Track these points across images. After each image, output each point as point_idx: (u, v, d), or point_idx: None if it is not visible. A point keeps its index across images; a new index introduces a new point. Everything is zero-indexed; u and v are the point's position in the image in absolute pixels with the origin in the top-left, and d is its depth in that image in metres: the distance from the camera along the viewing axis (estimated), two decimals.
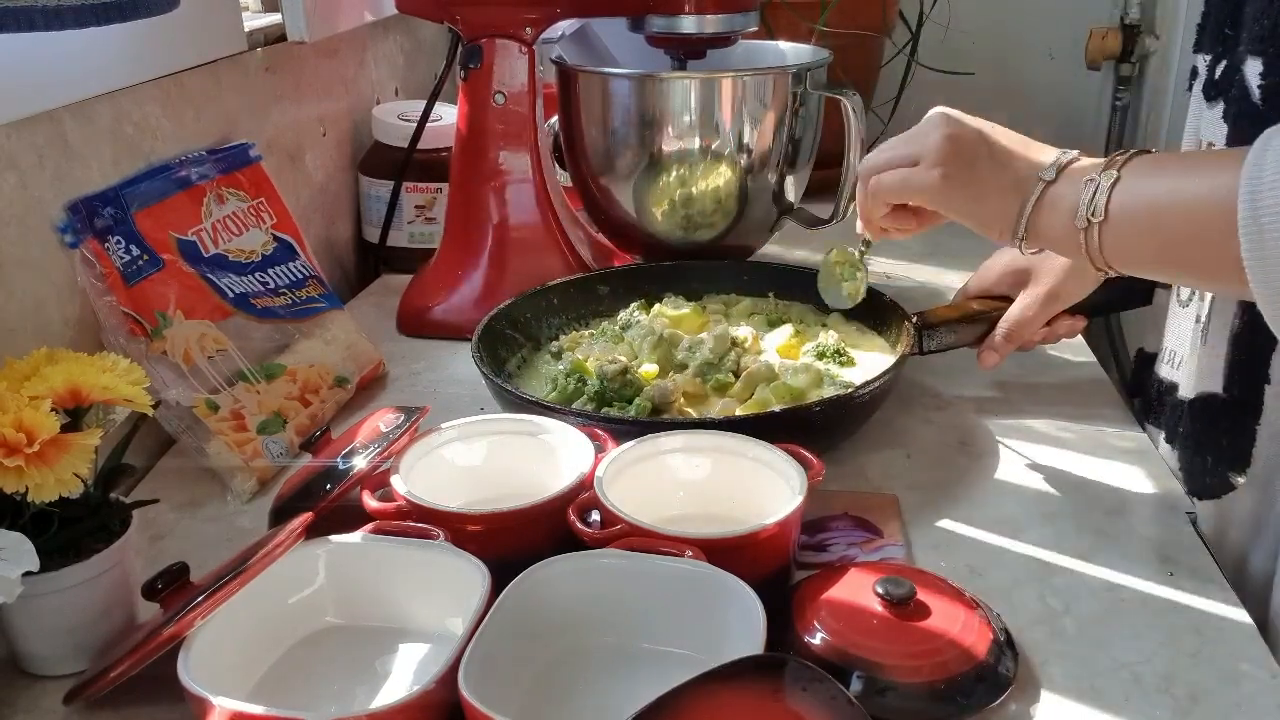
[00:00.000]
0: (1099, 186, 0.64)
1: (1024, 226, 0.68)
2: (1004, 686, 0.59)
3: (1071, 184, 0.66)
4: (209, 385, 0.84)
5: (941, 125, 0.72)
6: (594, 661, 0.61)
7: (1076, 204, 0.65)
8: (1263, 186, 0.54)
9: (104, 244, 0.82)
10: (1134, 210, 0.63)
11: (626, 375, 0.86)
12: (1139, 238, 0.63)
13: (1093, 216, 0.64)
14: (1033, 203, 0.68)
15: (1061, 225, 0.66)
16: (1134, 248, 0.64)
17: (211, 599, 0.57)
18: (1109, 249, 0.65)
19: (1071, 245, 0.66)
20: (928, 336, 0.91)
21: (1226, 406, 0.73)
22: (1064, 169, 0.67)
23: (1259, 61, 0.66)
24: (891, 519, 0.77)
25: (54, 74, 0.78)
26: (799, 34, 1.37)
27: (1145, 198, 0.63)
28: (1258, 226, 0.54)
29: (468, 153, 1.09)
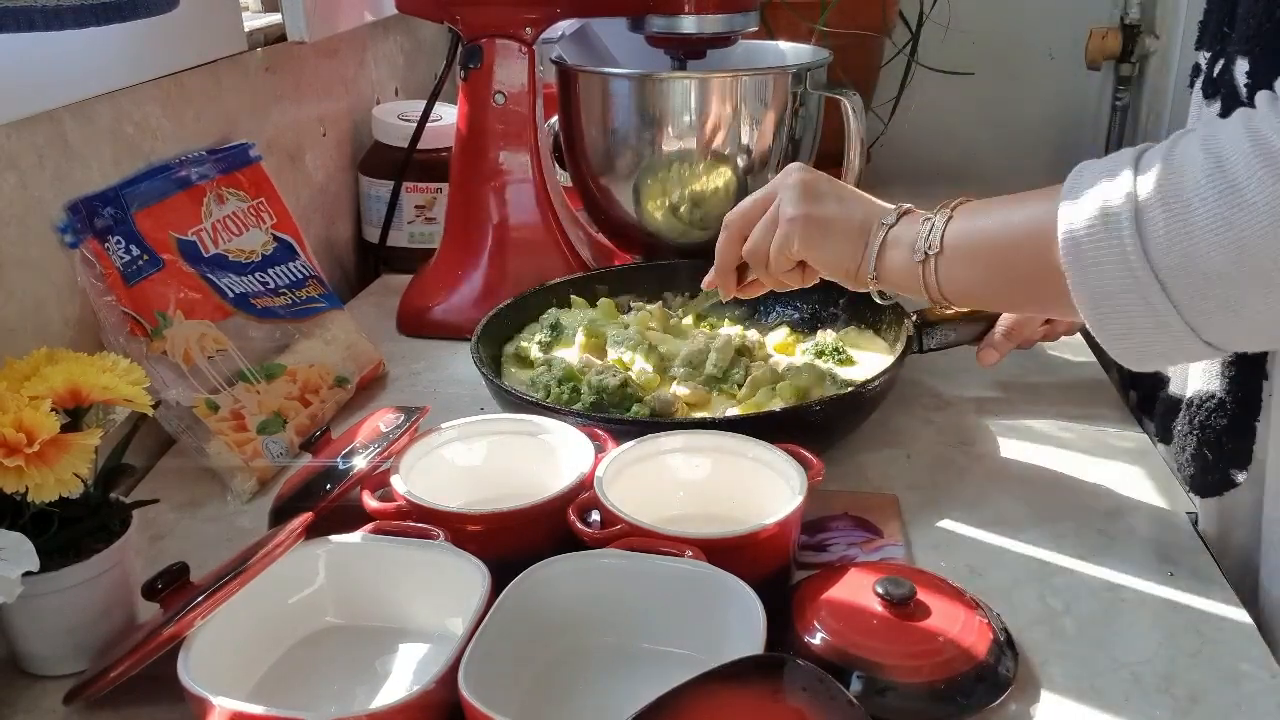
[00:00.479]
0: (934, 225, 0.70)
1: (872, 265, 0.73)
2: (1004, 686, 0.59)
3: (909, 225, 0.72)
4: (209, 385, 0.84)
5: (793, 172, 0.78)
6: (594, 661, 0.61)
7: (913, 241, 0.71)
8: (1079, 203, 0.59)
9: (104, 244, 0.82)
10: (966, 240, 0.69)
11: (626, 388, 0.85)
12: (971, 266, 0.69)
13: (929, 250, 0.70)
14: (878, 243, 0.73)
15: (902, 262, 0.72)
16: (967, 276, 0.69)
17: (211, 599, 0.57)
18: (945, 279, 0.70)
19: (912, 281, 0.71)
20: (927, 335, 0.91)
21: (1226, 405, 0.73)
22: (903, 214, 0.73)
23: (1246, 61, 0.67)
24: (891, 519, 0.77)
25: (54, 74, 0.78)
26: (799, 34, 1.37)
27: (975, 228, 0.69)
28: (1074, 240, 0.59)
29: (468, 153, 1.09)
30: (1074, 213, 0.59)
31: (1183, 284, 0.56)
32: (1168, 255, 0.56)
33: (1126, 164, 0.59)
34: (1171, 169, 0.57)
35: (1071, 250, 0.59)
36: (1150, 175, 0.57)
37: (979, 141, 1.79)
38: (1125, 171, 0.58)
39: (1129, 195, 0.57)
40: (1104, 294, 0.58)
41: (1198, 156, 0.56)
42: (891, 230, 0.73)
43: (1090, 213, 0.59)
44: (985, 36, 1.72)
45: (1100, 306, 0.59)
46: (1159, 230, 0.56)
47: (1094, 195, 0.59)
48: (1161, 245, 0.56)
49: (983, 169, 1.75)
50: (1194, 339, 0.57)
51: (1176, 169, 0.57)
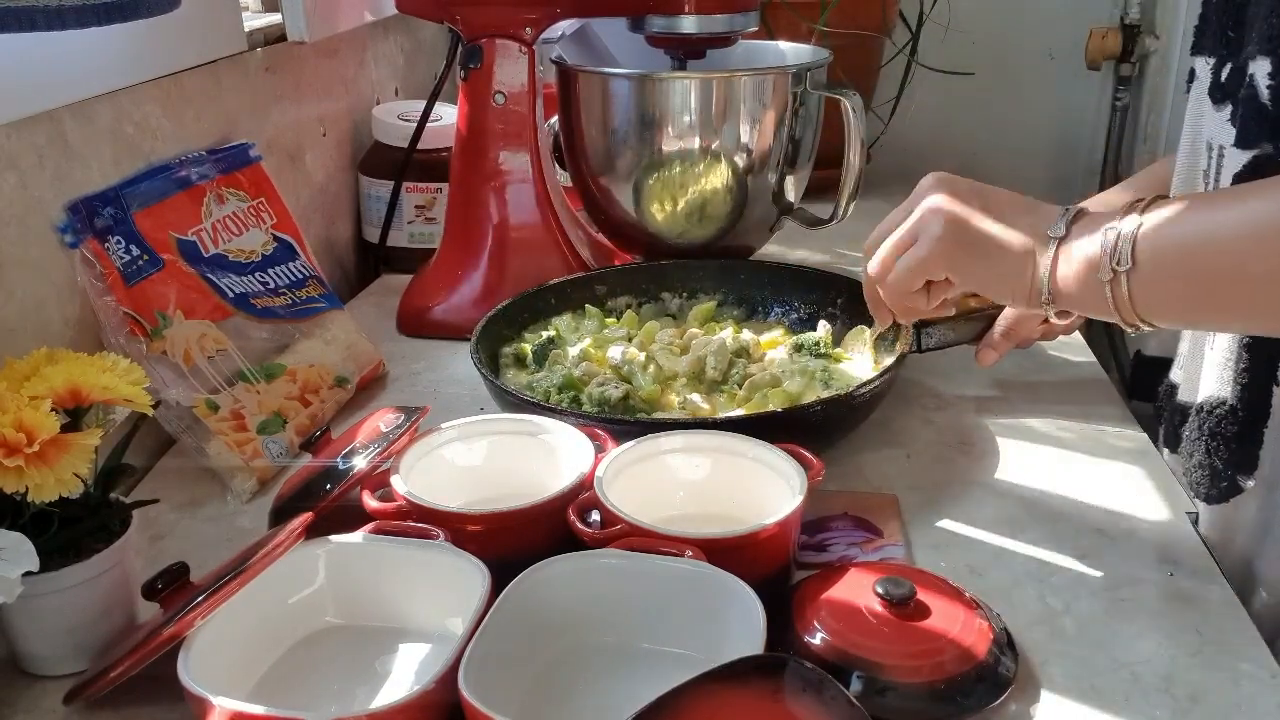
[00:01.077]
0: (1121, 233, 0.60)
1: (1045, 288, 0.64)
2: (1004, 686, 0.59)
3: (1088, 235, 0.62)
4: (209, 385, 0.84)
5: (936, 186, 0.69)
6: (594, 661, 0.61)
7: (1098, 256, 0.61)
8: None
9: (104, 244, 0.82)
10: (1166, 253, 0.59)
11: (628, 400, 0.85)
12: (1174, 282, 0.59)
13: (1118, 266, 0.60)
14: (1048, 261, 0.63)
15: (1084, 281, 0.62)
16: (1169, 294, 0.60)
17: (211, 599, 0.57)
18: (1141, 300, 0.60)
19: (1098, 301, 0.62)
20: (926, 334, 0.91)
21: (1235, 411, 0.73)
22: (1074, 221, 0.64)
23: (1268, 61, 0.66)
24: (891, 519, 0.77)
25: (54, 74, 0.78)
26: (799, 34, 1.37)
27: (1177, 238, 0.58)
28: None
29: (468, 153, 1.09)
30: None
31: None
32: None
33: None
34: None
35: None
36: None
37: (979, 141, 1.79)
38: None
39: None
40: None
41: None
42: (1064, 243, 0.63)
43: None
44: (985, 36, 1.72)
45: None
46: None
47: None
48: None
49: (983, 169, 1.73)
50: None
51: None
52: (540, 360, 0.93)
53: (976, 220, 0.67)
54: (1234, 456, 0.73)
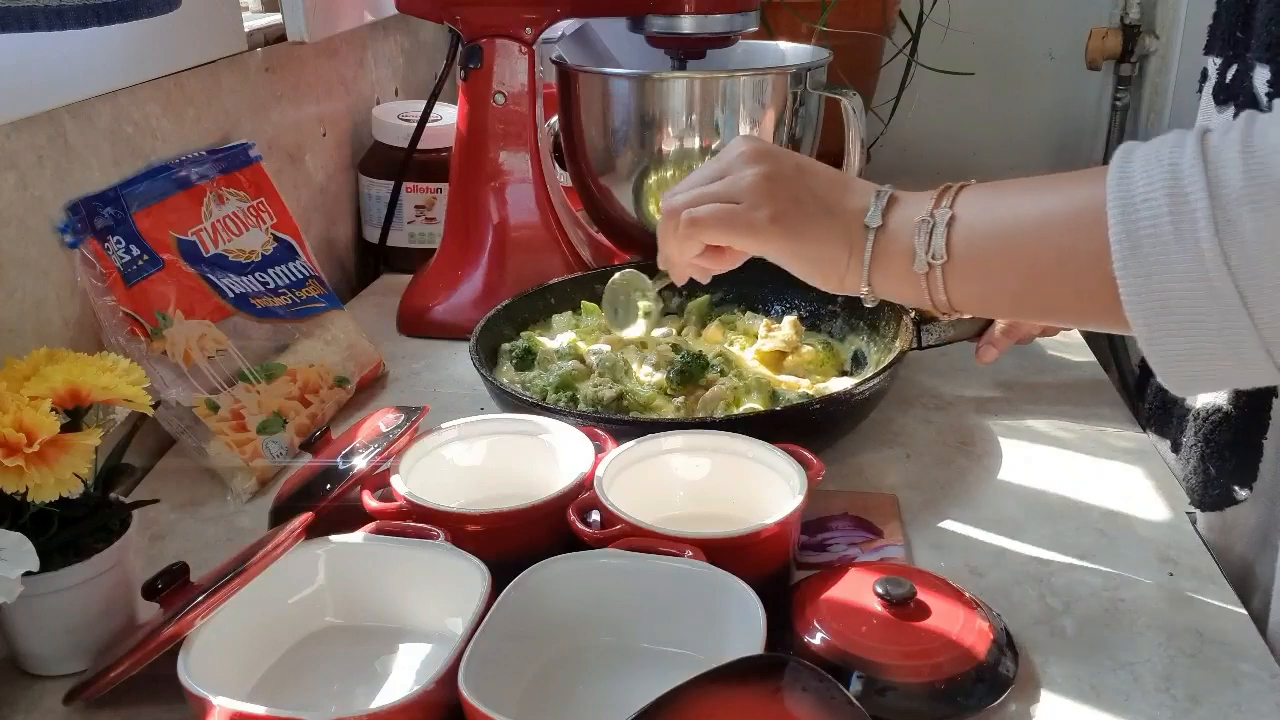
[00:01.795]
0: (935, 225, 0.59)
1: (865, 279, 0.63)
2: (1004, 686, 0.59)
3: (903, 225, 0.61)
4: (209, 385, 0.84)
5: (755, 161, 0.66)
6: (594, 661, 0.61)
7: (912, 248, 0.60)
8: (1134, 198, 0.50)
9: (104, 244, 0.82)
10: (981, 244, 0.58)
11: (622, 400, 0.85)
12: (989, 274, 0.59)
13: (933, 259, 0.59)
14: (868, 254, 0.62)
15: (899, 273, 0.62)
16: (984, 286, 0.60)
17: (211, 599, 0.57)
18: (955, 292, 0.60)
19: (915, 294, 0.62)
20: (926, 332, 0.91)
21: (1232, 421, 0.73)
22: (890, 206, 0.62)
23: (1267, 69, 0.65)
24: (891, 519, 0.77)
25: (54, 74, 0.78)
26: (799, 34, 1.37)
27: (991, 228, 0.58)
28: (1132, 242, 0.50)
29: (468, 153, 1.09)
30: (1129, 210, 0.50)
31: (1270, 298, 0.47)
32: (1257, 265, 0.47)
33: (1191, 150, 0.49)
34: (1256, 158, 0.48)
35: (1129, 255, 0.50)
36: (1230, 165, 0.48)
37: (979, 141, 1.79)
38: (1191, 159, 0.49)
39: (1203, 190, 0.48)
40: (1167, 307, 0.50)
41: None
42: (881, 233, 0.62)
43: (1154, 212, 0.49)
44: (985, 36, 1.72)
45: (1161, 323, 0.50)
46: (1246, 234, 0.47)
47: (1154, 189, 0.50)
48: (1250, 252, 0.47)
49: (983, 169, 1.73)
50: (1268, 364, 0.49)
51: (1263, 160, 0.48)
52: (524, 368, 0.93)
53: (801, 208, 0.65)
54: (1229, 465, 0.73)
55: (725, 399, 0.85)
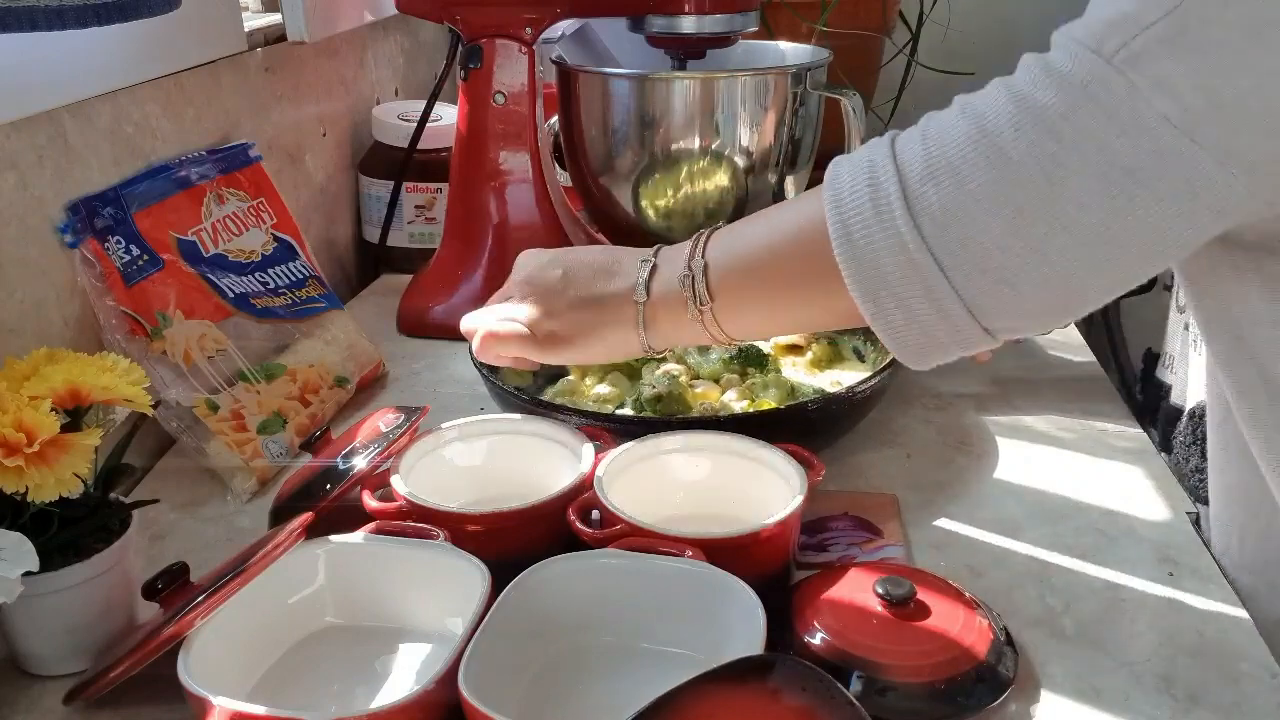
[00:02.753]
0: (694, 276, 0.65)
1: (648, 346, 0.70)
2: (1004, 686, 0.59)
3: (667, 287, 0.67)
4: (209, 385, 0.84)
5: (526, 284, 0.74)
6: (594, 661, 0.61)
7: (682, 302, 0.66)
8: (843, 193, 0.56)
9: (104, 244, 0.82)
10: (734, 278, 0.65)
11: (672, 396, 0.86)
12: (750, 302, 0.65)
13: (702, 306, 0.66)
14: (643, 325, 0.69)
15: (678, 326, 0.68)
16: (749, 313, 0.66)
17: (211, 599, 0.57)
18: (729, 324, 0.66)
19: (699, 338, 0.68)
20: None
21: None
22: (651, 279, 0.68)
23: None
24: (891, 519, 0.77)
25: (54, 74, 0.78)
26: (799, 34, 1.37)
27: (739, 261, 0.65)
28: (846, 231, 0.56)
29: (468, 153, 1.09)
30: (840, 204, 0.57)
31: (961, 261, 0.54)
32: (945, 232, 0.53)
33: (883, 147, 0.56)
34: (931, 141, 0.55)
35: (844, 242, 0.56)
36: (912, 152, 0.55)
37: None
38: (883, 154, 0.56)
39: (893, 175, 0.55)
40: (881, 282, 0.56)
41: (957, 124, 0.54)
42: (648, 305, 0.68)
43: (858, 201, 0.56)
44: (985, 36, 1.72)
45: (879, 297, 0.56)
46: (932, 206, 0.54)
47: (857, 183, 0.56)
48: (937, 221, 0.53)
49: None
50: (973, 324, 0.55)
51: (936, 140, 0.54)
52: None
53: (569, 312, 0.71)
54: None
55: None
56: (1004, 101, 0.52)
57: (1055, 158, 0.51)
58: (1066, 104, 0.50)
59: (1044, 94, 0.51)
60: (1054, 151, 0.51)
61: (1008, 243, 0.52)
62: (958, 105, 0.55)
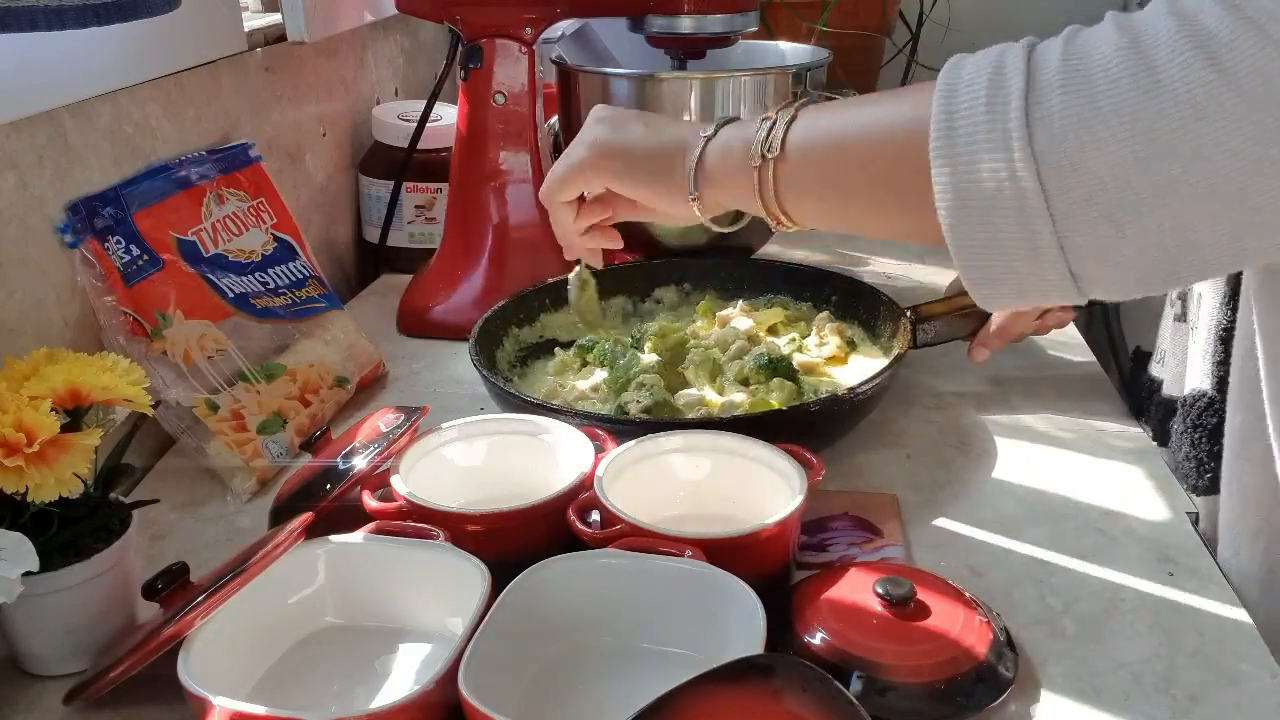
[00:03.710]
0: (775, 122, 0.60)
1: (691, 181, 0.64)
2: (1004, 686, 0.59)
3: (742, 128, 0.63)
4: (209, 385, 0.84)
5: (593, 113, 0.72)
6: (594, 661, 0.61)
7: (748, 143, 0.61)
8: (959, 85, 0.51)
9: (104, 244, 0.82)
10: (815, 139, 0.59)
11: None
12: (819, 170, 0.59)
13: (767, 152, 0.60)
14: (695, 155, 0.64)
15: (731, 169, 0.62)
16: (808, 185, 0.60)
17: (211, 599, 0.57)
18: (785, 188, 0.60)
19: (743, 193, 0.62)
20: (921, 330, 0.91)
21: (1216, 404, 0.73)
22: (728, 123, 0.64)
23: None
24: (891, 519, 0.77)
25: (54, 74, 0.78)
26: (799, 34, 1.37)
27: (829, 125, 0.59)
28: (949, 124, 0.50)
29: (468, 153, 1.09)
30: (951, 95, 0.51)
31: (1068, 184, 0.47)
32: (1059, 146, 0.47)
33: (1019, 47, 0.51)
34: (1076, 47, 0.49)
35: (944, 135, 0.50)
36: (1049, 55, 0.49)
37: None
38: (1017, 53, 0.50)
39: (1021, 74, 0.49)
40: (972, 190, 0.50)
41: (1108, 35, 0.48)
42: (713, 141, 0.63)
43: (973, 94, 0.50)
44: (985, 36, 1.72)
45: (965, 207, 0.50)
46: (1053, 114, 0.47)
47: (978, 76, 0.50)
48: (1054, 133, 0.47)
49: None
50: (1060, 263, 0.49)
51: (1082, 47, 0.49)
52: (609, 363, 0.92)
53: (626, 124, 0.68)
54: (1217, 448, 0.73)
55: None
56: (1165, 17, 0.46)
57: (1210, 90, 0.45)
58: (1232, 32, 0.44)
59: (1211, 19, 0.45)
60: (1210, 82, 0.45)
61: (1127, 174, 0.46)
62: (1111, 18, 0.49)
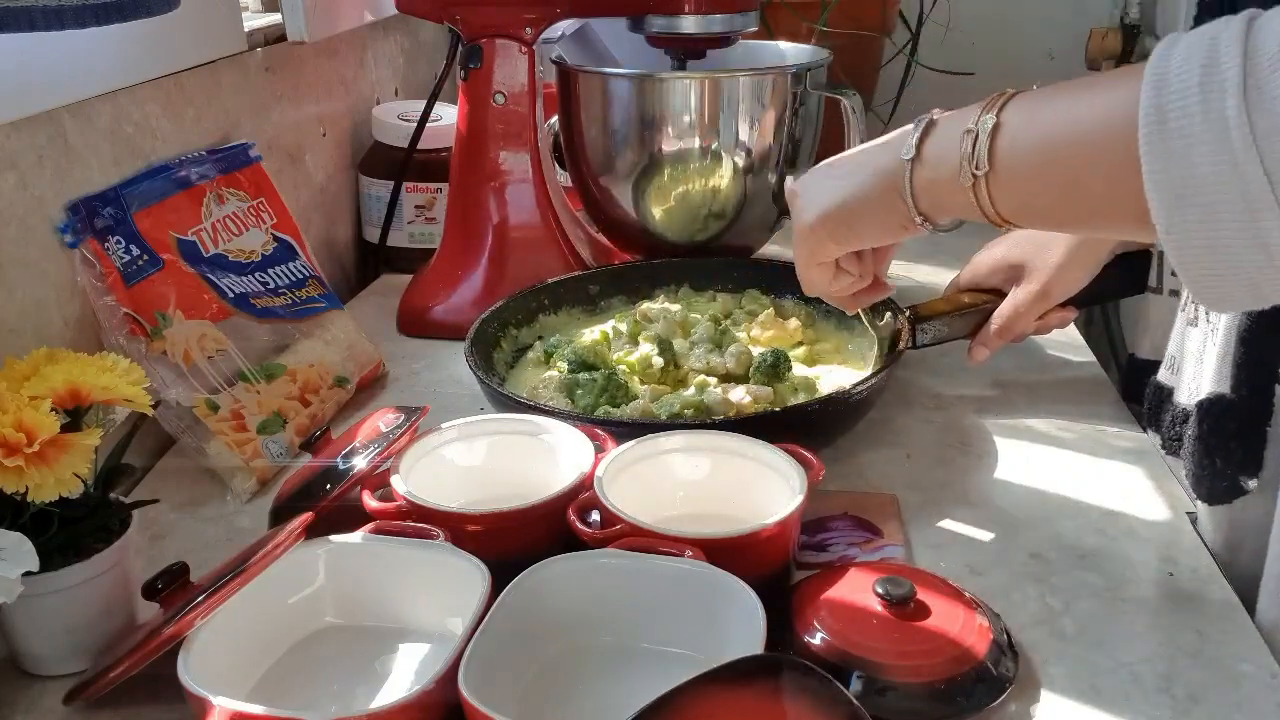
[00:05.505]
0: (978, 135, 0.57)
1: (914, 210, 0.63)
2: (1004, 686, 0.59)
3: (943, 145, 0.60)
4: (209, 385, 0.84)
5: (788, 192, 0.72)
6: (594, 661, 0.61)
7: (955, 163, 0.58)
8: (1169, 73, 0.47)
9: (104, 244, 0.82)
10: (1022, 151, 0.56)
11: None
12: (1032, 181, 0.57)
13: (977, 170, 0.57)
14: (908, 184, 0.62)
15: (947, 191, 0.60)
16: (1028, 194, 0.57)
17: (211, 599, 0.57)
18: (1001, 201, 0.58)
19: (965, 208, 0.60)
20: (921, 330, 0.91)
21: (1235, 408, 0.72)
22: (925, 136, 0.61)
23: None
24: (891, 519, 0.77)
25: (54, 74, 0.78)
26: (799, 34, 1.37)
27: (1033, 135, 0.56)
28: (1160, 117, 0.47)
29: (468, 153, 1.09)
30: (1162, 82, 0.47)
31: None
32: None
33: (1237, 23, 0.46)
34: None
35: (1154, 128, 0.46)
36: (1271, 32, 0.45)
37: None
38: (1233, 32, 0.46)
39: (1237, 56, 0.45)
40: (1188, 184, 0.46)
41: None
42: (919, 166, 0.61)
43: (1184, 80, 0.46)
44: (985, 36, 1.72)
45: (1181, 204, 0.46)
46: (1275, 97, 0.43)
47: (1191, 60, 0.46)
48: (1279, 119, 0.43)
49: None
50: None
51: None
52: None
53: (823, 187, 0.67)
54: (1235, 456, 0.73)
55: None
56: None
57: None
58: None
59: None
60: None
61: None
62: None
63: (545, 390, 0.89)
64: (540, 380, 0.91)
